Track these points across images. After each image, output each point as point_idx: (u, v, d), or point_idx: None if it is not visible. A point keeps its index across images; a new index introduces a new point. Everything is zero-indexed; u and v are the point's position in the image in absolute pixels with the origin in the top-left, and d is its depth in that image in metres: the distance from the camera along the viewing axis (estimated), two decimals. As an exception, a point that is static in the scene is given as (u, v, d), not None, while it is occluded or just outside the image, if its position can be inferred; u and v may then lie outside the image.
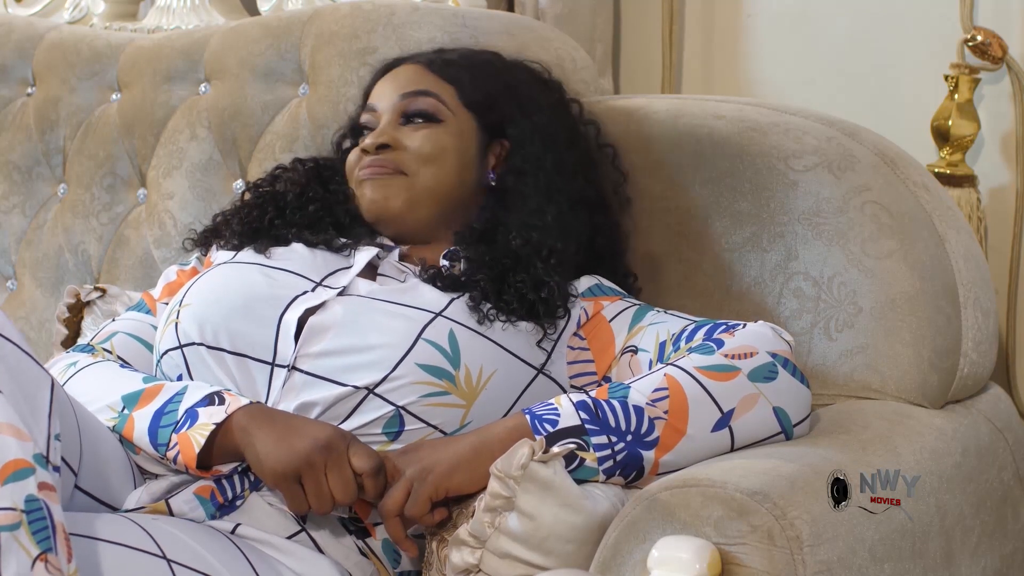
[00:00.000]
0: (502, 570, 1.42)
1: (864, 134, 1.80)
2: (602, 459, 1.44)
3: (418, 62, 1.80)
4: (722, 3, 2.32)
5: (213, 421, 1.49)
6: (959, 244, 1.73)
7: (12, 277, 2.29)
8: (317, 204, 1.78)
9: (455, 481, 1.47)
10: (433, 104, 1.74)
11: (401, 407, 1.54)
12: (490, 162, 1.76)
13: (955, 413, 1.70)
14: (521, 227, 1.68)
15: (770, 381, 1.48)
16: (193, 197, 2.12)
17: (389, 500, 1.47)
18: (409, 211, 1.71)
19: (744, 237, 1.76)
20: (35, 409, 1.29)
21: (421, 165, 1.71)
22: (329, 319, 1.59)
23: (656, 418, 1.45)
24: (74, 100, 2.26)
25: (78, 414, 1.49)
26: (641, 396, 1.46)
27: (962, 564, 1.56)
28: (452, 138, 1.74)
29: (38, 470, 1.25)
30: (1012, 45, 2.06)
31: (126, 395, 1.57)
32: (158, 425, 1.52)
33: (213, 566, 1.44)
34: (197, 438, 1.49)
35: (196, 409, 1.51)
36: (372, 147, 1.72)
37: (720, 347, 1.51)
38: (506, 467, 1.40)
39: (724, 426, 1.46)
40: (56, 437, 1.31)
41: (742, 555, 1.30)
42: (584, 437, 1.44)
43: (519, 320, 1.62)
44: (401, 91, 1.76)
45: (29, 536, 1.22)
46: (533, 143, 1.75)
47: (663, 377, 1.48)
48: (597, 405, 1.46)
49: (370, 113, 1.78)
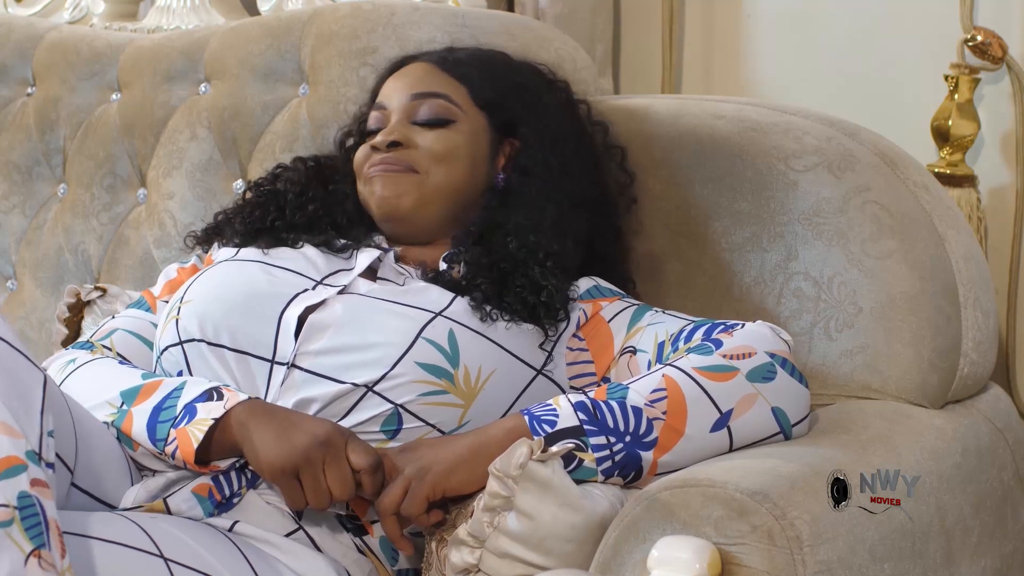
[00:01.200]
0: (501, 570, 1.42)
1: (864, 134, 1.80)
2: (600, 460, 1.44)
3: (429, 60, 1.79)
4: (722, 3, 2.32)
5: (212, 416, 1.49)
6: (959, 244, 1.73)
7: (12, 277, 2.29)
8: (317, 204, 1.78)
9: (453, 481, 1.47)
10: (444, 107, 1.74)
11: (400, 405, 1.54)
12: (499, 162, 1.76)
13: (955, 413, 1.70)
14: (519, 229, 1.68)
15: (769, 381, 1.48)
16: (193, 197, 2.12)
17: (386, 498, 1.47)
18: (419, 209, 1.71)
19: (744, 237, 1.76)
20: (27, 406, 1.29)
21: (433, 164, 1.71)
22: (329, 317, 1.59)
23: (654, 419, 1.45)
24: (74, 100, 2.26)
25: (73, 412, 1.49)
26: (639, 397, 1.46)
27: (962, 564, 1.56)
28: (464, 137, 1.73)
29: (30, 466, 1.25)
30: (1012, 45, 2.06)
31: (125, 391, 1.57)
32: (157, 420, 1.52)
33: (211, 564, 1.44)
34: (195, 433, 1.49)
35: (195, 404, 1.51)
36: (383, 144, 1.72)
37: (718, 347, 1.51)
38: (505, 466, 1.40)
39: (723, 426, 1.46)
40: (49, 434, 1.31)
41: (742, 555, 1.30)
42: (583, 438, 1.44)
43: (522, 321, 1.62)
44: (412, 91, 1.75)
45: (22, 532, 1.23)
46: (542, 143, 1.74)
47: (661, 378, 1.48)
48: (596, 406, 1.46)
49: (379, 111, 1.77)
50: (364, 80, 1.97)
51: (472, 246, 1.69)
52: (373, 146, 1.73)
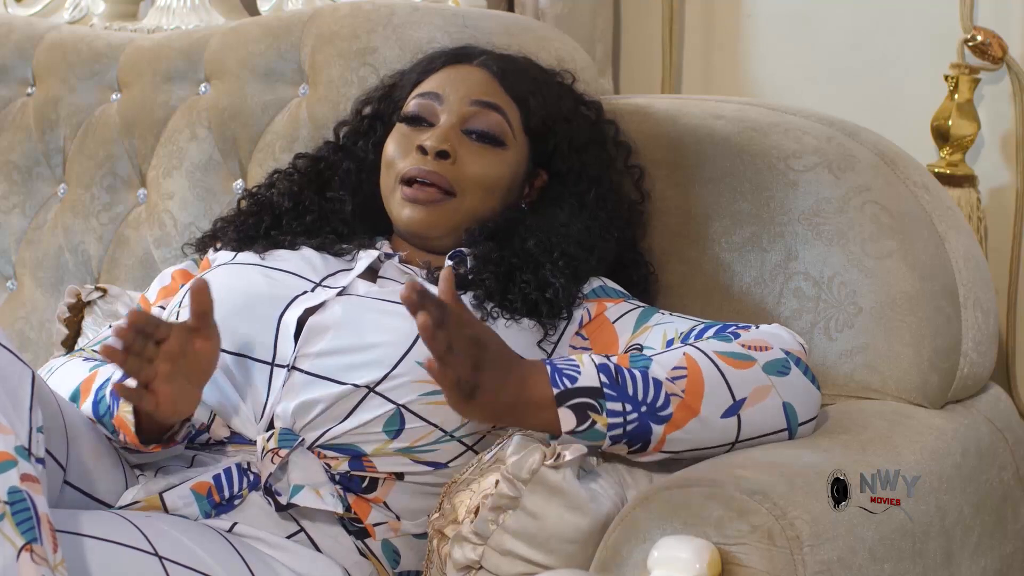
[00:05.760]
0: (503, 567, 1.42)
1: (864, 134, 1.80)
2: (612, 425, 1.42)
3: (488, 69, 1.74)
4: (722, 3, 2.32)
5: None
6: (959, 244, 1.74)
7: (12, 277, 2.29)
8: (314, 214, 1.75)
9: (477, 416, 1.43)
10: (501, 125, 1.70)
11: (401, 405, 1.54)
12: (526, 191, 1.75)
13: (955, 413, 1.70)
14: (542, 231, 1.67)
15: (783, 376, 1.47)
16: (193, 197, 2.12)
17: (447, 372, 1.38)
18: (447, 235, 1.70)
19: (744, 237, 1.76)
20: (16, 402, 1.30)
21: (471, 188, 1.68)
22: (329, 319, 1.59)
23: (672, 394, 1.43)
24: (74, 100, 2.26)
25: (64, 410, 1.50)
26: (661, 370, 1.44)
27: (962, 564, 1.56)
28: (508, 168, 1.71)
29: (20, 462, 1.26)
30: (1012, 45, 2.06)
31: (72, 392, 1.59)
32: (99, 415, 1.54)
33: (207, 563, 1.44)
34: (128, 417, 1.50)
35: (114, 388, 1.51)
36: (432, 150, 1.67)
37: (737, 338, 1.50)
38: (516, 471, 1.40)
39: (734, 414, 1.45)
40: (39, 429, 1.31)
41: (742, 555, 1.30)
42: (600, 400, 1.42)
43: (522, 318, 1.62)
44: (472, 96, 1.71)
45: (13, 527, 1.23)
46: (579, 181, 1.73)
47: (682, 356, 1.46)
48: (619, 371, 1.43)
49: (429, 100, 1.72)
50: (364, 80, 1.97)
51: (485, 240, 1.68)
52: (420, 147, 1.68)
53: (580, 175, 1.74)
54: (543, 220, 1.69)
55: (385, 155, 1.73)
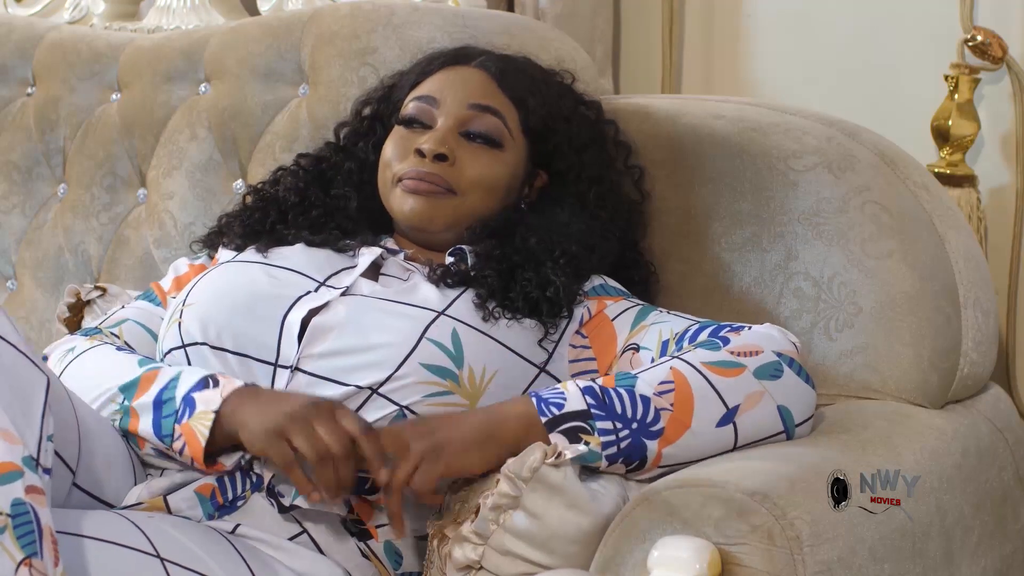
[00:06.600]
0: (504, 567, 1.42)
1: (864, 134, 1.80)
2: (606, 444, 1.43)
3: (486, 71, 1.74)
4: (722, 3, 2.32)
5: (211, 409, 1.49)
6: (959, 244, 1.74)
7: (12, 277, 2.29)
8: (319, 210, 1.76)
9: (466, 462, 1.45)
10: (499, 127, 1.71)
11: (405, 407, 1.54)
12: (525, 191, 1.75)
13: (955, 413, 1.70)
14: (543, 229, 1.67)
15: (775, 379, 1.48)
16: (193, 197, 2.12)
17: (399, 472, 1.44)
18: (448, 229, 1.70)
19: (744, 237, 1.76)
20: (28, 410, 1.29)
21: (471, 188, 1.69)
22: (332, 320, 1.58)
23: (662, 409, 1.44)
24: (74, 100, 2.26)
25: (77, 411, 1.49)
26: (648, 387, 1.45)
27: (962, 564, 1.56)
28: (507, 168, 1.71)
29: (27, 473, 1.25)
30: (1012, 45, 2.06)
31: (123, 385, 1.57)
32: (160, 416, 1.52)
33: (208, 565, 1.43)
34: (201, 430, 1.49)
35: (192, 395, 1.51)
36: (430, 153, 1.68)
37: (726, 344, 1.50)
38: (517, 469, 1.40)
39: (728, 422, 1.46)
40: (49, 438, 1.31)
41: (742, 555, 1.30)
42: (589, 422, 1.43)
43: (523, 317, 1.62)
44: (469, 99, 1.71)
45: (13, 540, 1.22)
46: (579, 181, 1.74)
47: (669, 370, 1.47)
48: (604, 392, 1.45)
49: (427, 104, 1.73)
50: (364, 80, 1.97)
51: (486, 238, 1.68)
52: (418, 150, 1.69)
53: (580, 175, 1.74)
54: (544, 219, 1.70)
55: (383, 157, 1.73)
